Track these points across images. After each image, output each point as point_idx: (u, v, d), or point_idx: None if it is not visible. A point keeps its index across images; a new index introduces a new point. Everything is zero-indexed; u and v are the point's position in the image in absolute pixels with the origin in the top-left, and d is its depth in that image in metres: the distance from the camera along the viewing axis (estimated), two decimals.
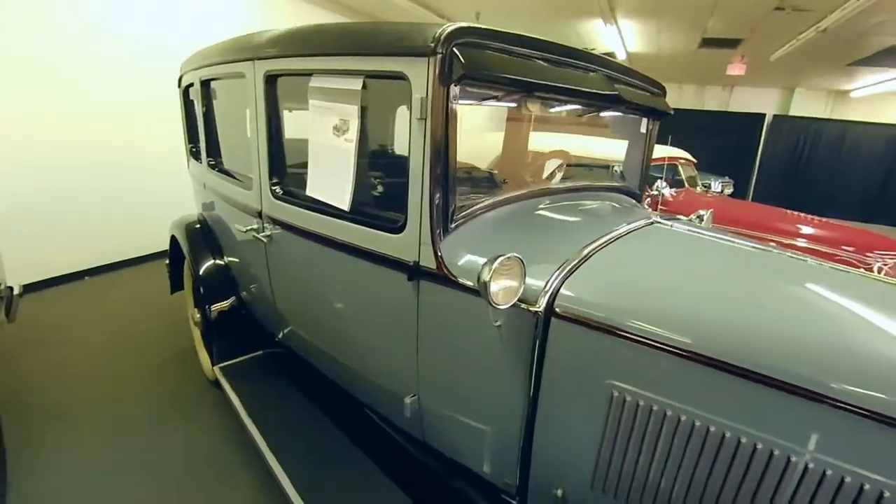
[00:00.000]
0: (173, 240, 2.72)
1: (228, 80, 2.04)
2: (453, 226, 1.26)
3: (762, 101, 11.45)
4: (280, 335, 2.19)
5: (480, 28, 1.16)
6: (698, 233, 1.47)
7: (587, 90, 1.41)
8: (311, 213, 1.57)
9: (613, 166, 3.38)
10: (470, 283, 1.19)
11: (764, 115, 11.28)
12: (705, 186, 4.66)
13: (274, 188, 1.76)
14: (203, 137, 2.34)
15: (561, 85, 1.32)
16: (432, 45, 1.10)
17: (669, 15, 6.29)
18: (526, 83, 1.24)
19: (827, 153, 10.86)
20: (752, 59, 8.13)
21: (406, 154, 1.24)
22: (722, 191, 5.27)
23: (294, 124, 1.86)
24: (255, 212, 1.88)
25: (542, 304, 1.11)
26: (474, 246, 1.27)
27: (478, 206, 1.35)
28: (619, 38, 7.42)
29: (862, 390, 0.81)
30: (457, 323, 1.28)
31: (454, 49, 1.11)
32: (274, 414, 2.00)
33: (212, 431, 2.35)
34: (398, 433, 1.67)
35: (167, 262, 2.98)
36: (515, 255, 1.03)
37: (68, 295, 3.82)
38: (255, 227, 1.90)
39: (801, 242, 4.00)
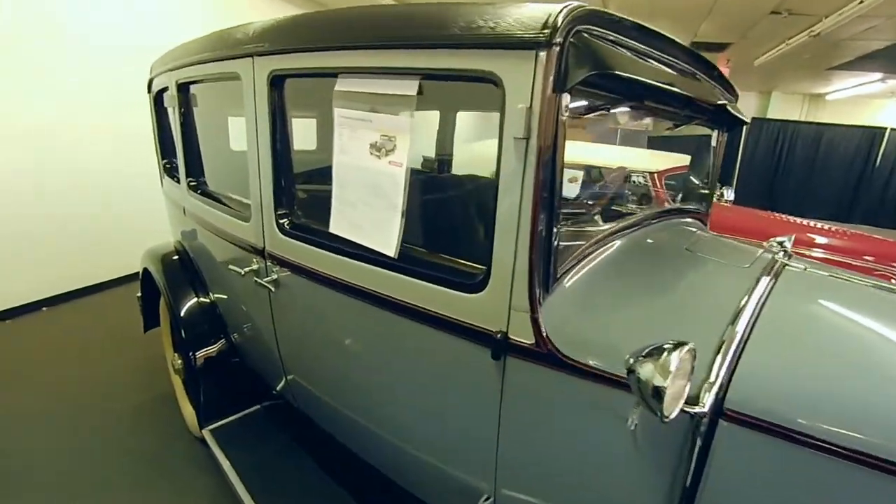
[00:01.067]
0: (146, 273, 2.28)
1: (215, 83, 1.65)
2: (555, 282, 0.92)
3: (741, 105, 11.48)
4: (282, 387, 1.80)
5: (603, 12, 0.83)
6: (837, 276, 1.17)
7: (703, 101, 1.11)
8: (337, 256, 1.20)
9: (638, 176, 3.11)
10: (590, 365, 0.86)
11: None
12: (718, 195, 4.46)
13: (281, 221, 1.38)
14: (181, 153, 1.93)
15: (686, 94, 1.00)
16: (546, 32, 0.76)
17: (663, 18, 6.15)
18: (655, 90, 0.92)
19: (804, 155, 11.05)
20: (735, 63, 8.12)
21: (489, 183, 0.90)
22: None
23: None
24: (256, 249, 1.49)
25: (706, 402, 0.78)
26: (586, 311, 0.93)
27: (579, 254, 1.02)
28: None
29: None
30: (561, 416, 0.94)
31: (573, 40, 0.78)
32: (282, 492, 1.62)
33: (200, 498, 1.94)
34: None
35: (139, 295, 2.54)
36: (690, 345, 0.70)
37: (21, 330, 3.29)
38: (255, 268, 1.50)
39: (817, 253, 3.83)
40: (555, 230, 0.88)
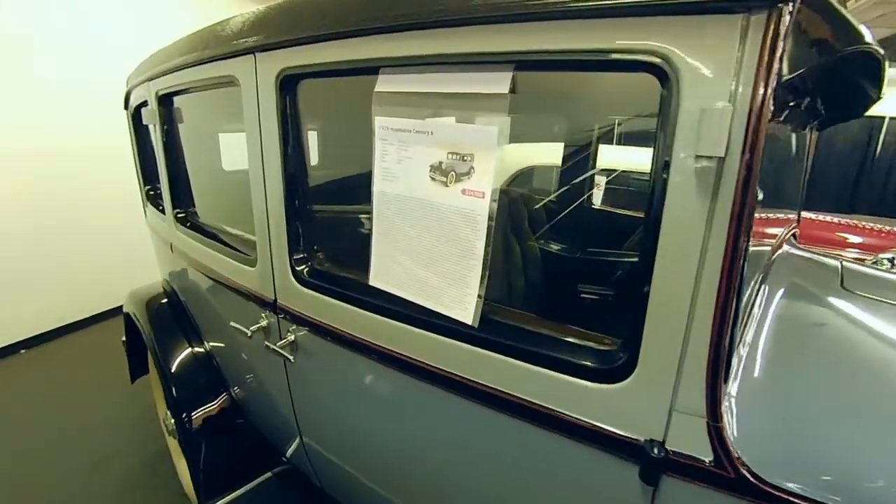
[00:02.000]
0: (129, 319, 1.94)
1: (206, 91, 1.33)
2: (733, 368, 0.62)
3: None
4: (300, 461, 1.48)
5: None
6: None
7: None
8: (382, 318, 0.89)
9: None
10: (816, 501, 0.55)
11: None
12: None
13: (298, 267, 1.06)
14: (165, 178, 1.60)
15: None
16: None
17: None
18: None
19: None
20: None
21: (632, 220, 0.59)
22: None
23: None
24: (264, 302, 1.17)
25: None
26: (779, 406, 0.63)
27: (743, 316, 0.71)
28: None
29: None
30: None
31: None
32: None
33: None
34: None
35: (123, 339, 2.21)
36: None
37: None
38: (264, 325, 1.18)
39: (853, 253, 3.56)
40: (743, 298, 0.57)
